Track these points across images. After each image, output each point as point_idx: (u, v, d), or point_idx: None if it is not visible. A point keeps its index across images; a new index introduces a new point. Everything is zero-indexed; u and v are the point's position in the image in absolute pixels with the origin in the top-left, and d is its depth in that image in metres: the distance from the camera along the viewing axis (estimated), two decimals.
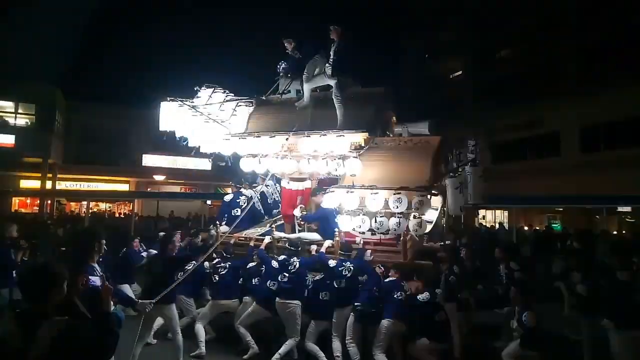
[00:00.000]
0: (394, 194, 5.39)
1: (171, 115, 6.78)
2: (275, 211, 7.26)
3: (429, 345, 4.80)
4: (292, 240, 5.88)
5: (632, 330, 4.27)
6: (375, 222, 5.47)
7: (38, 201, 19.86)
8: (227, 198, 6.95)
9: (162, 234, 6.69)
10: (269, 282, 5.37)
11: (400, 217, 5.38)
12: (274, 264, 5.47)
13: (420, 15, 29.27)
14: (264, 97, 7.06)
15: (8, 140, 18.60)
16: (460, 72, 26.47)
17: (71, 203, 22.42)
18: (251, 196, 6.76)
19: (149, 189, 23.49)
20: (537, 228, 15.96)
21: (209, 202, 21.82)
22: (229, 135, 6.60)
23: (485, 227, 16.98)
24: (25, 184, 20.70)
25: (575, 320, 5.12)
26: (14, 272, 5.70)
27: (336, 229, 5.78)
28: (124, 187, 23.44)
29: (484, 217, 21.03)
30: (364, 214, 5.59)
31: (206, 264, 5.81)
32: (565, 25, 19.45)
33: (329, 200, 5.80)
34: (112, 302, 2.59)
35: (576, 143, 18.15)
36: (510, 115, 21.05)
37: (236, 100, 6.91)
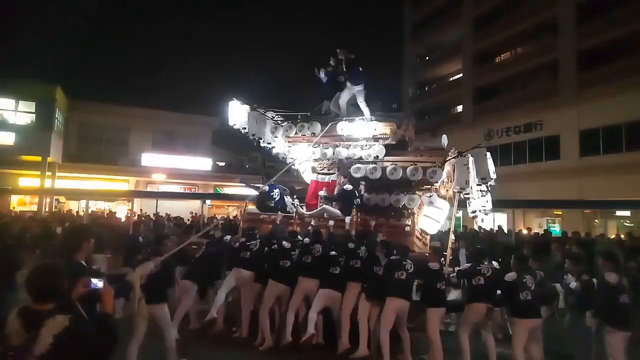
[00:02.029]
0: (411, 165, 6.55)
1: (236, 112, 8.22)
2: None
3: (436, 315, 5.13)
4: (316, 212, 6.89)
5: (622, 329, 4.47)
6: (391, 197, 6.57)
7: (37, 200, 19.84)
8: (263, 189, 7.55)
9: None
10: (282, 261, 5.74)
11: (414, 194, 6.50)
12: (286, 244, 5.89)
13: (420, 18, 29.38)
14: (308, 114, 8.14)
15: (8, 138, 18.60)
16: (460, 75, 26.54)
17: (70, 202, 22.39)
18: (282, 192, 7.56)
19: (148, 188, 23.47)
20: (537, 231, 15.95)
21: (208, 202, 21.83)
22: (280, 119, 8.04)
23: (484, 230, 16.95)
24: (24, 182, 20.67)
25: (571, 317, 5.29)
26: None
27: (354, 208, 6.61)
28: (124, 186, 23.42)
29: (482, 220, 21.04)
30: (384, 192, 6.72)
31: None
32: (565, 28, 19.52)
33: (355, 172, 6.91)
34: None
35: (576, 147, 18.20)
36: (510, 118, 21.12)
37: (286, 113, 8.20)
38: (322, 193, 7.33)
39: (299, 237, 6.23)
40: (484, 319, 5.17)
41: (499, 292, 5.18)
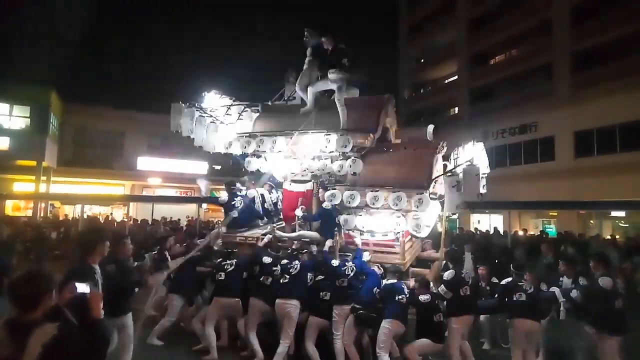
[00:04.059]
0: (393, 192, 5.63)
1: (180, 117, 6.94)
2: (275, 219, 7.37)
3: (428, 344, 4.84)
4: (293, 238, 6.12)
5: (615, 335, 4.38)
6: (376, 221, 5.75)
7: (32, 205, 19.71)
8: (222, 199, 6.96)
9: None
10: (262, 277, 5.42)
11: (400, 217, 5.66)
12: (266, 259, 5.55)
13: (416, 20, 29.49)
14: (269, 103, 7.26)
15: (2, 142, 18.47)
16: (456, 77, 26.64)
17: (65, 206, 22.27)
18: (251, 197, 6.94)
19: (144, 192, 23.38)
20: (532, 233, 16.02)
21: (204, 205, 21.75)
22: (235, 134, 6.80)
23: (480, 232, 17.01)
24: (19, 187, 20.55)
25: (570, 327, 5.14)
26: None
27: (336, 229, 6.01)
28: (119, 191, 23.33)
29: (479, 222, 21.11)
30: (365, 214, 5.85)
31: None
32: (559, 30, 19.64)
33: (330, 199, 5.96)
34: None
35: (570, 148, 18.29)
36: (505, 120, 21.20)
37: (243, 105, 7.13)
38: (299, 212, 6.46)
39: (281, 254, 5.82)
40: (470, 328, 5.08)
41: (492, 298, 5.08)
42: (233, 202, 6.74)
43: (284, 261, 5.53)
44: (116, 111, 23.42)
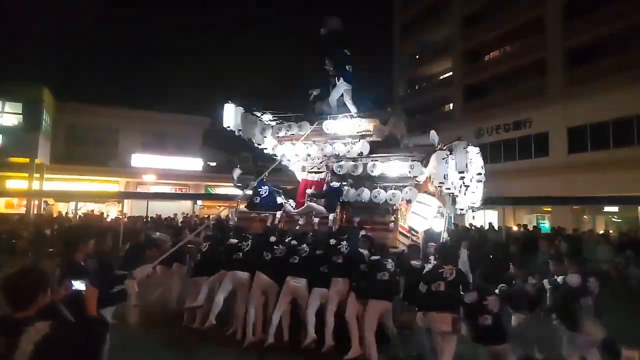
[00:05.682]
0: (390, 160, 6.76)
1: (230, 114, 8.40)
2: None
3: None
4: (302, 210, 7.14)
5: (578, 333, 4.31)
6: (372, 192, 6.79)
7: (25, 202, 19.57)
8: (252, 185, 7.75)
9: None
10: (263, 253, 5.82)
11: (395, 190, 6.67)
12: (272, 238, 6.06)
13: (410, 17, 29.47)
14: (302, 115, 8.35)
15: None
16: (450, 73, 26.66)
17: (59, 204, 22.13)
18: (271, 189, 7.72)
19: (138, 189, 23.27)
20: (526, 224, 16.13)
21: (199, 202, 21.71)
22: (267, 119, 8.35)
23: (475, 227, 17.10)
24: (11, 184, 20.39)
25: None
26: None
27: (338, 204, 6.91)
28: (114, 188, 23.21)
29: (473, 217, 21.19)
30: (365, 187, 6.96)
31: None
32: (552, 27, 19.71)
33: (338, 170, 7.32)
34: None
35: (564, 144, 18.40)
36: (500, 116, 21.28)
37: (281, 115, 8.46)
38: (309, 191, 7.56)
39: (287, 236, 6.27)
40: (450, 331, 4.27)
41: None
42: (260, 190, 7.48)
43: (294, 242, 5.93)
44: (110, 108, 23.26)
